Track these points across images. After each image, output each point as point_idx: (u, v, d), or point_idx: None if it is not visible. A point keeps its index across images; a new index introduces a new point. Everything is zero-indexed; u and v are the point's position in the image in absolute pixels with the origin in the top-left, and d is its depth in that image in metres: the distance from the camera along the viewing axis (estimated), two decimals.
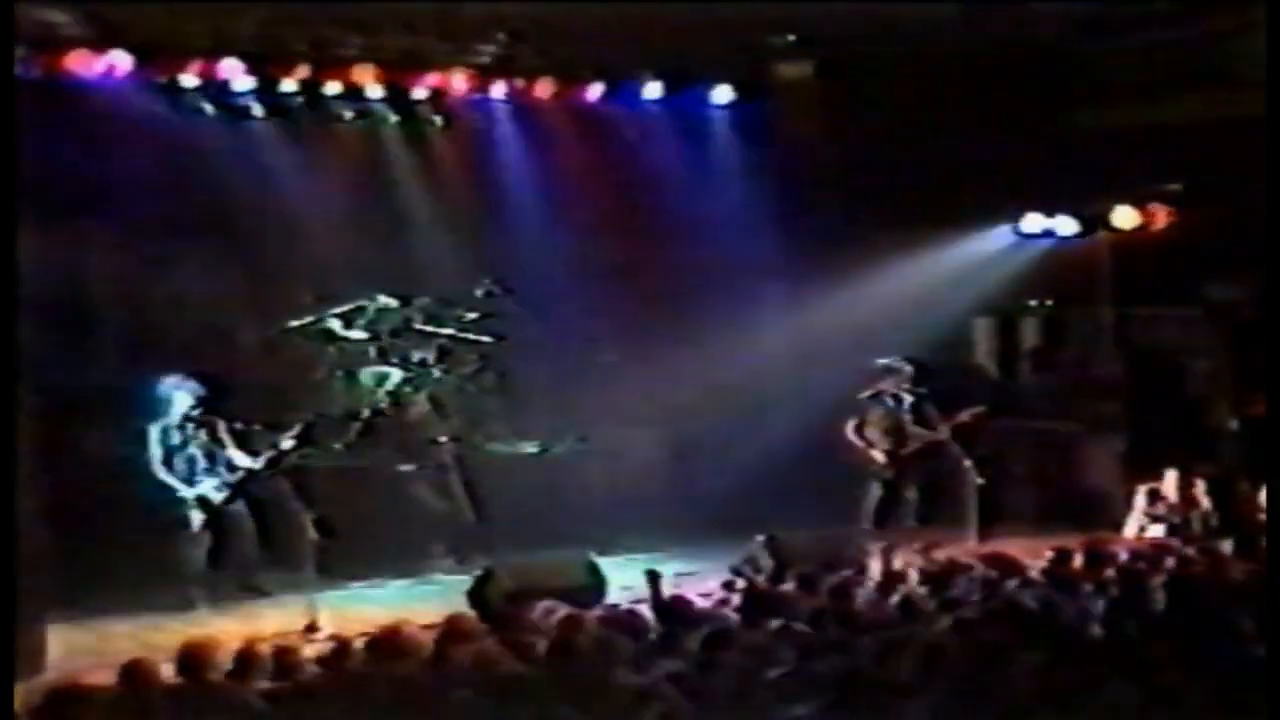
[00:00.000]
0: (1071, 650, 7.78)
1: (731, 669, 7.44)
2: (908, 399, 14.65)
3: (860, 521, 14.32)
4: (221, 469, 12.78)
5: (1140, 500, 14.22)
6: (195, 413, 12.73)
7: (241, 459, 12.84)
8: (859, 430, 14.64)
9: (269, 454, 12.91)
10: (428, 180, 14.35)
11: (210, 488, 12.70)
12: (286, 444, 12.96)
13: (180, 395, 12.75)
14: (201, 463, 12.74)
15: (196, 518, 12.67)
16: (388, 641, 8.04)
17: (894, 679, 7.18)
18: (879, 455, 14.57)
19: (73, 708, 7.21)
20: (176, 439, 12.70)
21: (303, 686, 7.41)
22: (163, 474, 12.61)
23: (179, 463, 12.67)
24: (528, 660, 7.75)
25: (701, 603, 9.90)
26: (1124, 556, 10.95)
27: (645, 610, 9.45)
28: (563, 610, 8.96)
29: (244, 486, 12.86)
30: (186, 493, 12.65)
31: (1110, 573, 10.22)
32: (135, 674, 7.62)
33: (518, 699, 6.99)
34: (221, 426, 12.85)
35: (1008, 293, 16.29)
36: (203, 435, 12.75)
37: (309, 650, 8.87)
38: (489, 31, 13.96)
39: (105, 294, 13.22)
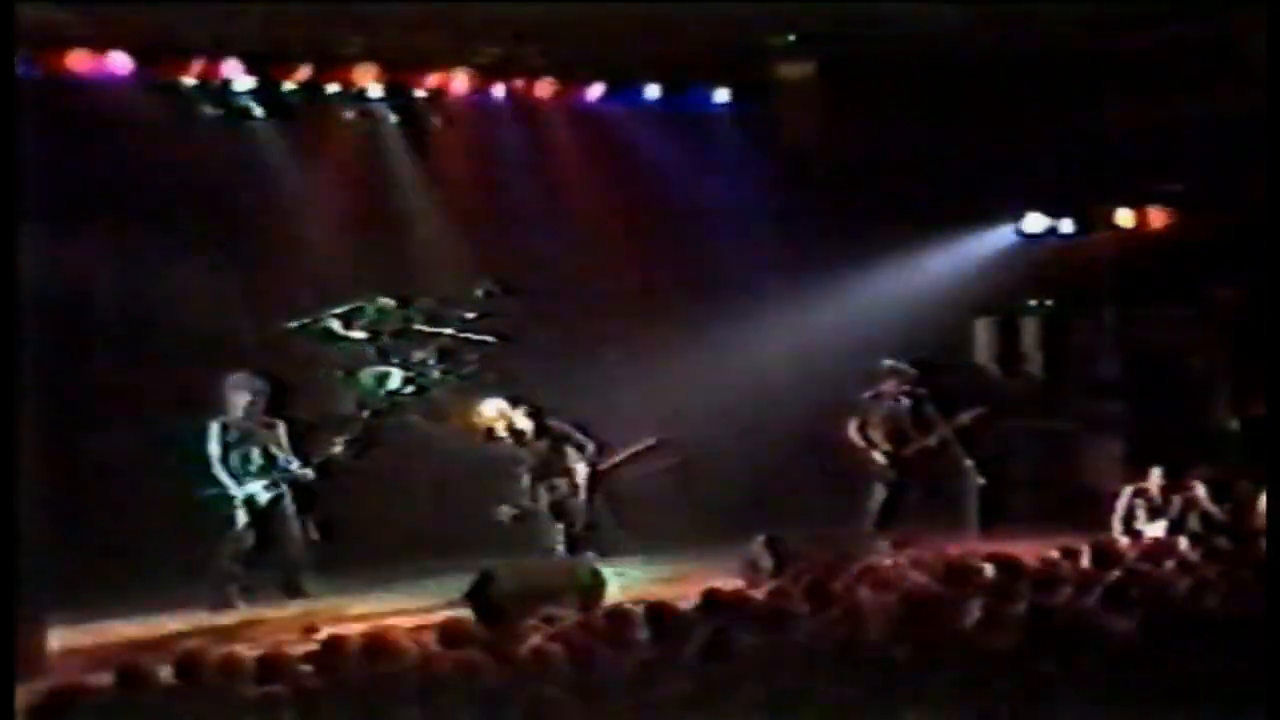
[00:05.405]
0: None
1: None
2: (909, 400, 14.62)
3: (861, 522, 14.32)
4: (276, 469, 12.75)
5: (1121, 501, 14.11)
6: (257, 410, 12.73)
7: (294, 462, 12.81)
8: (861, 430, 14.62)
9: (320, 458, 12.94)
10: (428, 180, 14.35)
11: (259, 488, 12.65)
12: (337, 448, 13.04)
13: (243, 393, 12.75)
14: (258, 460, 12.71)
15: (241, 516, 12.59)
16: (373, 644, 8.00)
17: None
18: (880, 456, 14.55)
19: (73, 709, 7.20)
20: (236, 436, 12.66)
21: (299, 687, 7.38)
22: (220, 472, 12.55)
23: (234, 460, 12.63)
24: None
25: None
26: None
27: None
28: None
29: (290, 487, 12.83)
30: (236, 491, 12.57)
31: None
32: (130, 675, 7.60)
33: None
34: (281, 427, 12.87)
35: (1008, 293, 16.30)
36: (264, 434, 12.74)
37: (304, 651, 8.85)
38: (490, 31, 13.95)
39: (105, 294, 13.22)
